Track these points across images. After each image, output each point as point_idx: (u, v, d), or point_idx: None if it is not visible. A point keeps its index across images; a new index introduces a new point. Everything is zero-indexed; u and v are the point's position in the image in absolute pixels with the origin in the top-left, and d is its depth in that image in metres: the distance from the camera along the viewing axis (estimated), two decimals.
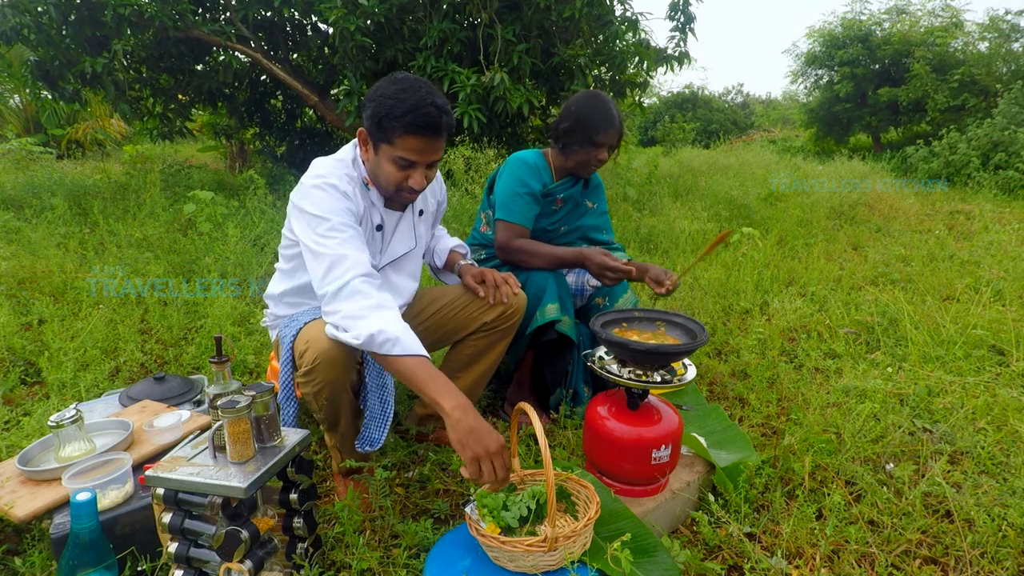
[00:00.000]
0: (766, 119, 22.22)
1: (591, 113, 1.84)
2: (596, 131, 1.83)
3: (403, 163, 1.37)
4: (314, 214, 1.34)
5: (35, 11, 4.74)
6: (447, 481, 1.63)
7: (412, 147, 1.34)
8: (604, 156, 1.89)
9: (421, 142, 1.34)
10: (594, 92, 1.92)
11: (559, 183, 1.97)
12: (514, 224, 1.88)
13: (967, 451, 1.70)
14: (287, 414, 1.44)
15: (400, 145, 1.34)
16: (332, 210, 1.35)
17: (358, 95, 4.99)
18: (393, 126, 1.32)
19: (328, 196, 1.36)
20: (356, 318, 1.24)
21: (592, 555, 1.18)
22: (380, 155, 1.39)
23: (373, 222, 1.50)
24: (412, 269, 1.66)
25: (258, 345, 2.43)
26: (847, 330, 2.66)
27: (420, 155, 1.36)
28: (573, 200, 2.00)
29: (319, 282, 1.30)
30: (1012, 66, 10.73)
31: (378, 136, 1.36)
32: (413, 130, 1.32)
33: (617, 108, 1.89)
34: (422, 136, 1.33)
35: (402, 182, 1.40)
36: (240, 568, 1.05)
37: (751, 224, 4.83)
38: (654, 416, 1.41)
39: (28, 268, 3.11)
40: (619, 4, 5.38)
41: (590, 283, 2.00)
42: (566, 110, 1.90)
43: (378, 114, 1.33)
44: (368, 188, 1.47)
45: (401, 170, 1.38)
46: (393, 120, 1.31)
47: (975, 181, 7.33)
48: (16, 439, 1.68)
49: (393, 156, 1.36)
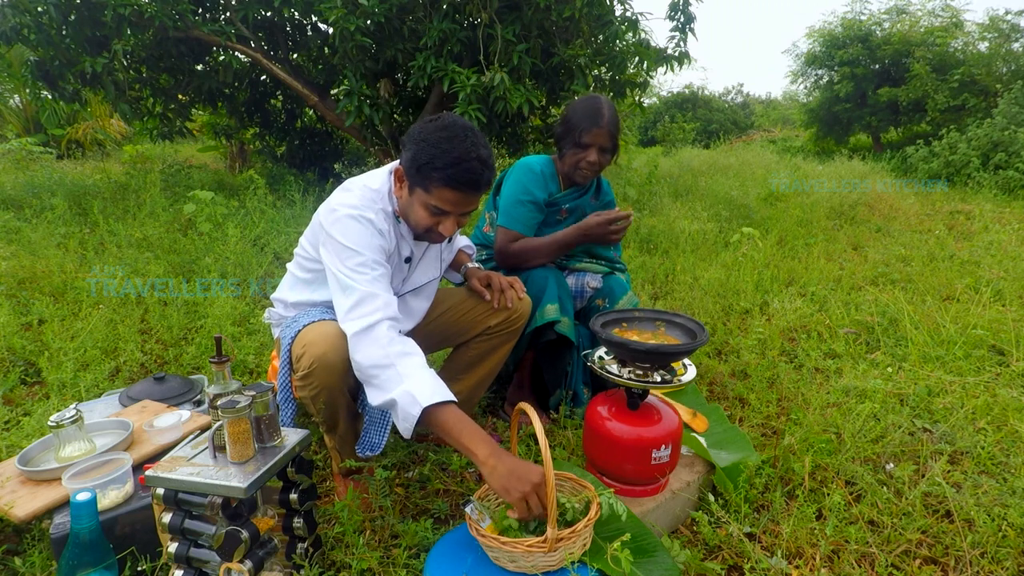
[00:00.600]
0: (766, 119, 22.21)
1: (577, 113, 1.81)
2: (580, 131, 1.80)
3: (436, 211, 1.35)
4: (346, 245, 1.33)
5: (35, 11, 4.74)
6: (447, 481, 1.63)
7: (448, 199, 1.32)
8: (593, 158, 1.83)
9: (458, 196, 1.32)
10: (590, 95, 1.89)
11: (566, 192, 1.95)
12: (513, 232, 1.87)
13: (967, 451, 1.71)
14: (285, 415, 1.44)
15: (436, 195, 1.32)
16: (366, 246, 1.33)
17: (358, 95, 4.99)
18: (432, 176, 1.30)
19: (364, 231, 1.34)
20: (384, 367, 1.23)
21: (592, 555, 1.18)
22: (414, 197, 1.36)
23: (402, 255, 1.50)
24: (429, 292, 1.66)
25: (258, 345, 2.43)
26: (847, 330, 2.66)
27: (455, 207, 1.34)
28: (580, 211, 1.97)
29: (344, 314, 1.30)
30: (1012, 66, 10.73)
31: (415, 180, 1.34)
32: (452, 184, 1.30)
33: (613, 109, 1.83)
34: (460, 191, 1.31)
35: (432, 227, 1.39)
36: (240, 568, 1.05)
37: (751, 224, 4.83)
38: (654, 416, 1.41)
39: (28, 268, 3.11)
40: (619, 4, 5.37)
41: (590, 284, 2.00)
42: (561, 114, 1.89)
43: (418, 160, 1.30)
44: (399, 221, 1.46)
45: (432, 216, 1.36)
46: (433, 170, 1.29)
47: (975, 181, 7.32)
48: (16, 439, 1.68)
49: (427, 203, 1.34)
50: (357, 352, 1.26)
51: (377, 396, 1.24)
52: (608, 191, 2.09)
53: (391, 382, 1.22)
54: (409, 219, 1.42)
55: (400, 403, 1.20)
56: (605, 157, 1.86)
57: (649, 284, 3.46)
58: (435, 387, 1.22)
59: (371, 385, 1.26)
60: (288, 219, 4.29)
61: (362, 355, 1.25)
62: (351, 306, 1.29)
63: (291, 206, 4.60)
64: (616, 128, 1.83)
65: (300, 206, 4.57)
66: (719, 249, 4.16)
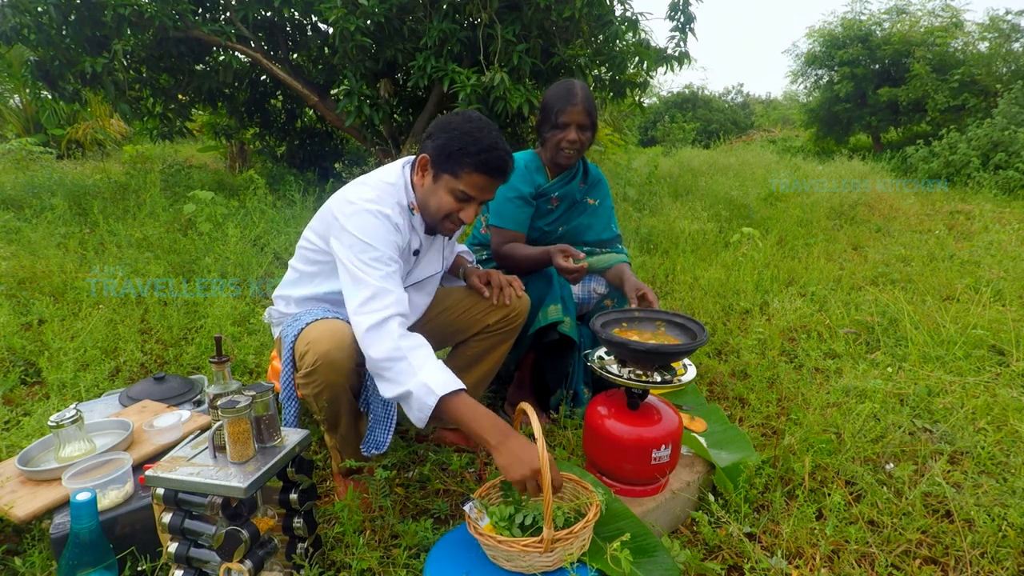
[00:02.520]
0: (766, 119, 22.21)
1: (552, 97, 1.86)
2: (557, 112, 1.83)
3: (462, 196, 1.41)
4: (361, 239, 1.35)
5: (35, 11, 4.74)
6: (447, 481, 1.63)
7: (476, 184, 1.39)
8: (573, 136, 1.86)
9: (486, 181, 1.40)
10: (563, 79, 1.93)
11: (553, 182, 1.97)
12: (504, 229, 1.90)
13: (967, 451, 1.70)
14: (288, 413, 1.44)
15: (465, 180, 1.39)
16: (381, 241, 1.36)
17: (358, 95, 4.99)
18: (464, 161, 1.37)
19: (380, 225, 1.37)
20: (397, 360, 1.25)
21: (592, 555, 1.18)
22: (439, 184, 1.42)
23: (412, 247, 1.52)
24: (431, 288, 1.67)
25: (258, 345, 2.43)
26: (847, 330, 2.66)
27: (480, 192, 1.41)
28: (571, 198, 1.99)
29: (355, 307, 1.31)
30: (1012, 66, 10.72)
31: (444, 167, 1.40)
32: (482, 169, 1.38)
33: (586, 89, 1.87)
34: (489, 176, 1.39)
35: (453, 213, 1.43)
36: (240, 568, 1.05)
37: (751, 224, 4.83)
38: (654, 416, 1.41)
39: (28, 268, 3.11)
40: (619, 4, 5.37)
41: (597, 291, 2.00)
42: (540, 105, 1.94)
43: (450, 147, 1.37)
44: (413, 213, 1.48)
45: (457, 202, 1.42)
46: (465, 156, 1.36)
47: (975, 181, 7.32)
48: (16, 439, 1.68)
49: (454, 188, 1.40)
50: (370, 346, 1.27)
51: (391, 389, 1.26)
52: (596, 174, 2.10)
53: (405, 374, 1.24)
54: (430, 206, 1.45)
55: (416, 394, 1.22)
56: (585, 135, 1.88)
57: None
58: (447, 377, 1.25)
59: (384, 379, 1.27)
60: (288, 219, 4.29)
61: (375, 349, 1.26)
62: (364, 300, 1.30)
63: (291, 206, 4.60)
64: (591, 106, 1.87)
65: (300, 206, 4.58)
66: (719, 249, 4.16)
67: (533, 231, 1.97)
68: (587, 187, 2.05)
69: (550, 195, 1.95)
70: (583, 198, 2.03)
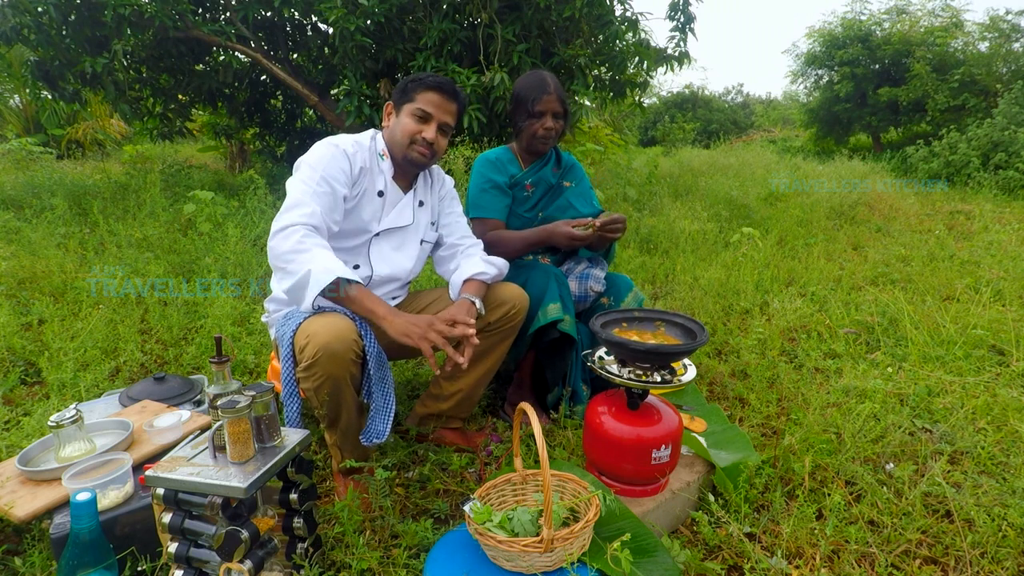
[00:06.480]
0: (766, 119, 22.22)
1: (524, 88, 1.94)
2: (531, 101, 1.90)
3: (421, 114, 1.57)
4: (307, 163, 1.49)
5: (35, 11, 4.74)
6: (447, 481, 1.63)
7: (430, 100, 1.57)
8: (549, 124, 1.93)
9: (438, 97, 1.58)
10: (531, 71, 2.01)
11: (526, 171, 2.02)
12: (484, 219, 1.96)
13: (967, 451, 1.70)
14: (291, 412, 1.43)
15: (421, 99, 1.57)
16: (324, 166, 1.48)
17: (358, 95, 5.00)
18: (417, 87, 1.58)
19: (326, 153, 1.50)
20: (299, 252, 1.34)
21: (592, 555, 1.18)
22: (401, 114, 1.59)
23: (376, 187, 1.61)
24: (407, 248, 1.68)
25: (258, 345, 2.43)
26: (847, 330, 2.66)
27: (436, 108, 1.58)
28: (545, 182, 2.03)
29: (277, 215, 1.43)
30: (1012, 66, 10.73)
31: (402, 100, 1.60)
32: (433, 87, 1.57)
33: (556, 79, 1.96)
34: (439, 92, 1.58)
35: (416, 134, 1.57)
36: (240, 568, 1.05)
37: (751, 224, 4.83)
38: (654, 416, 1.41)
39: (28, 268, 3.11)
40: (619, 4, 5.38)
41: (594, 288, 2.00)
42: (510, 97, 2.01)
43: (404, 84, 1.60)
44: (382, 159, 1.62)
45: (418, 122, 1.57)
46: (418, 83, 1.58)
47: (975, 181, 7.32)
48: (16, 439, 1.68)
49: (412, 110, 1.57)
50: (273, 241, 1.38)
51: (288, 279, 1.34)
52: (569, 159, 2.14)
53: (305, 264, 1.33)
54: (396, 137, 1.59)
55: (314, 272, 1.30)
56: (559, 123, 1.96)
57: (649, 284, 3.46)
58: (347, 269, 1.36)
59: (284, 271, 1.36)
60: None
61: (278, 243, 1.37)
62: (284, 208, 1.43)
63: None
64: (563, 95, 1.96)
65: None
66: (719, 249, 4.16)
67: (515, 219, 2.00)
68: (561, 171, 2.09)
69: (523, 182, 2.01)
70: (559, 182, 2.07)
